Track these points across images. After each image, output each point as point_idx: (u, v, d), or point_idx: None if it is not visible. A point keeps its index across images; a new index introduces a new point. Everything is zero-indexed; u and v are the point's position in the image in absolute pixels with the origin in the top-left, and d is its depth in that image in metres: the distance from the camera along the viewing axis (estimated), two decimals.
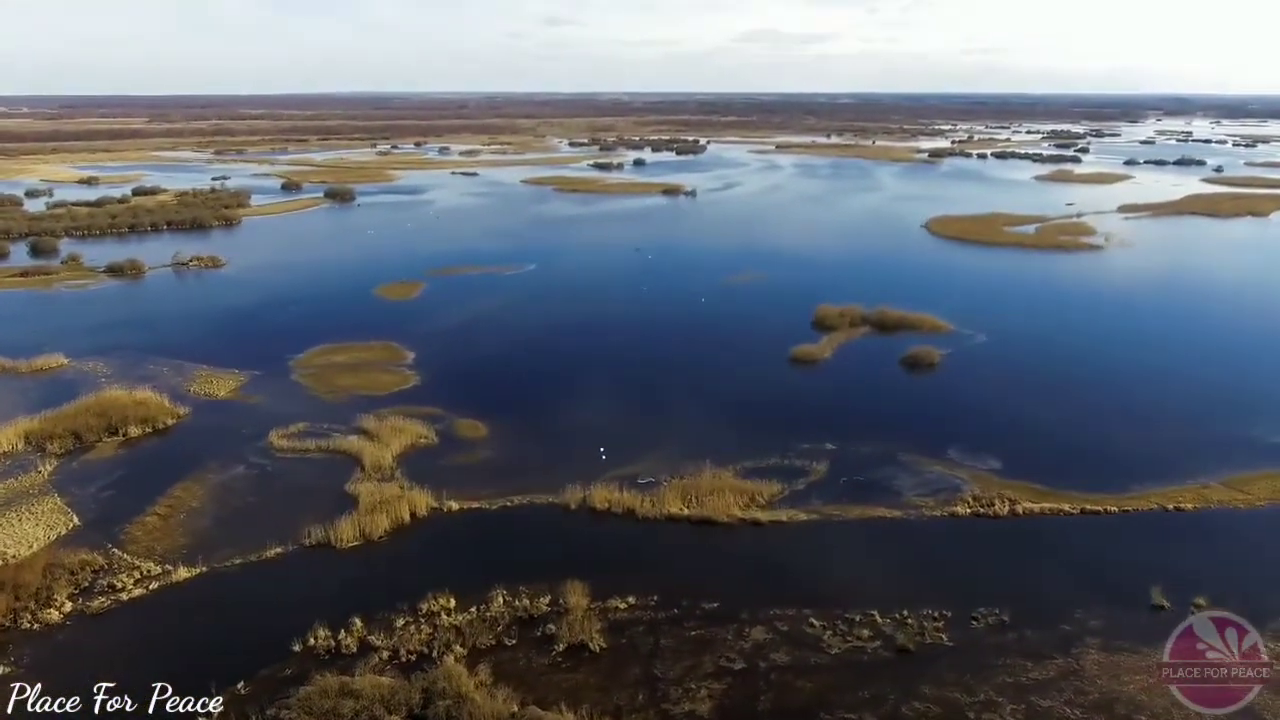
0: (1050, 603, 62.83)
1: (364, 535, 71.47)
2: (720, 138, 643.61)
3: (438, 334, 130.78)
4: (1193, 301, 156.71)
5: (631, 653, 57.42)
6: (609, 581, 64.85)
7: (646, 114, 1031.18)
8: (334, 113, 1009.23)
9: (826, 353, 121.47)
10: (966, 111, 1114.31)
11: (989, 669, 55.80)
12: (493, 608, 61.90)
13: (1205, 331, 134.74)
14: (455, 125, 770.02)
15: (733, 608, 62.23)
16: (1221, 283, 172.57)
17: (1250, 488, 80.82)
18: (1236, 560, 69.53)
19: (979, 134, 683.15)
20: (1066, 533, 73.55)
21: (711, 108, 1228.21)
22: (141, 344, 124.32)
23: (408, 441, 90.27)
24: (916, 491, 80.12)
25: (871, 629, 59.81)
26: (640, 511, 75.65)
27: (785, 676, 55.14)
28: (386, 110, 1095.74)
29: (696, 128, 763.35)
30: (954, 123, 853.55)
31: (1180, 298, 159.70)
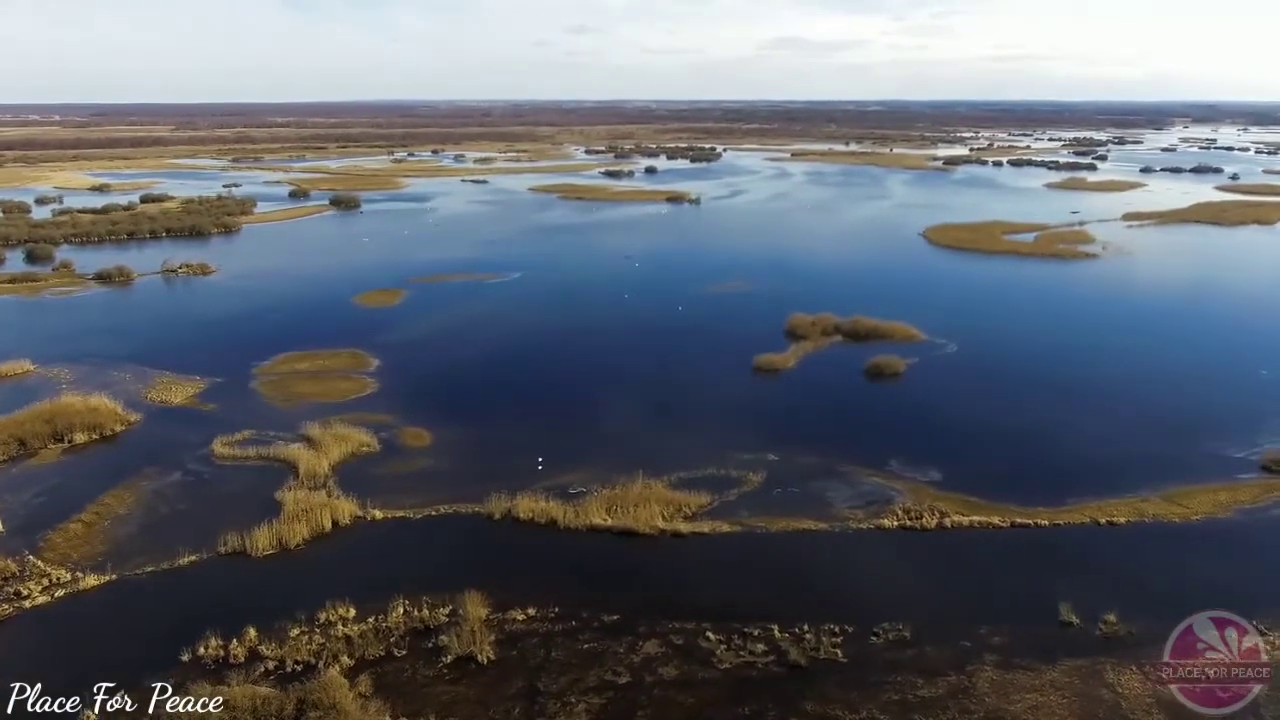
0: (957, 618, 61.86)
1: (281, 544, 71.42)
2: (738, 145, 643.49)
3: (407, 343, 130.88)
4: (1174, 313, 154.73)
5: (519, 665, 56.98)
6: (514, 592, 64.57)
7: (669, 122, 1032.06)
8: (358, 120, 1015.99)
9: (790, 362, 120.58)
10: (992, 119, 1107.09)
11: (878, 686, 54.97)
12: (391, 618, 61.56)
13: (1177, 343, 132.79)
14: (475, 133, 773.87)
15: (633, 620, 61.65)
16: (1207, 294, 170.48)
17: (1189, 501, 79.48)
18: (1156, 575, 68.23)
19: (1000, 141, 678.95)
20: (991, 546, 72.52)
21: (735, 115, 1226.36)
22: (112, 350, 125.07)
23: (349, 450, 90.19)
24: (848, 504, 79.24)
25: (767, 644, 59.09)
26: (562, 522, 75.29)
27: (668, 691, 54.48)
28: (411, 118, 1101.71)
29: (716, 135, 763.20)
30: (977, 130, 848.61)
31: (1163, 308, 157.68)
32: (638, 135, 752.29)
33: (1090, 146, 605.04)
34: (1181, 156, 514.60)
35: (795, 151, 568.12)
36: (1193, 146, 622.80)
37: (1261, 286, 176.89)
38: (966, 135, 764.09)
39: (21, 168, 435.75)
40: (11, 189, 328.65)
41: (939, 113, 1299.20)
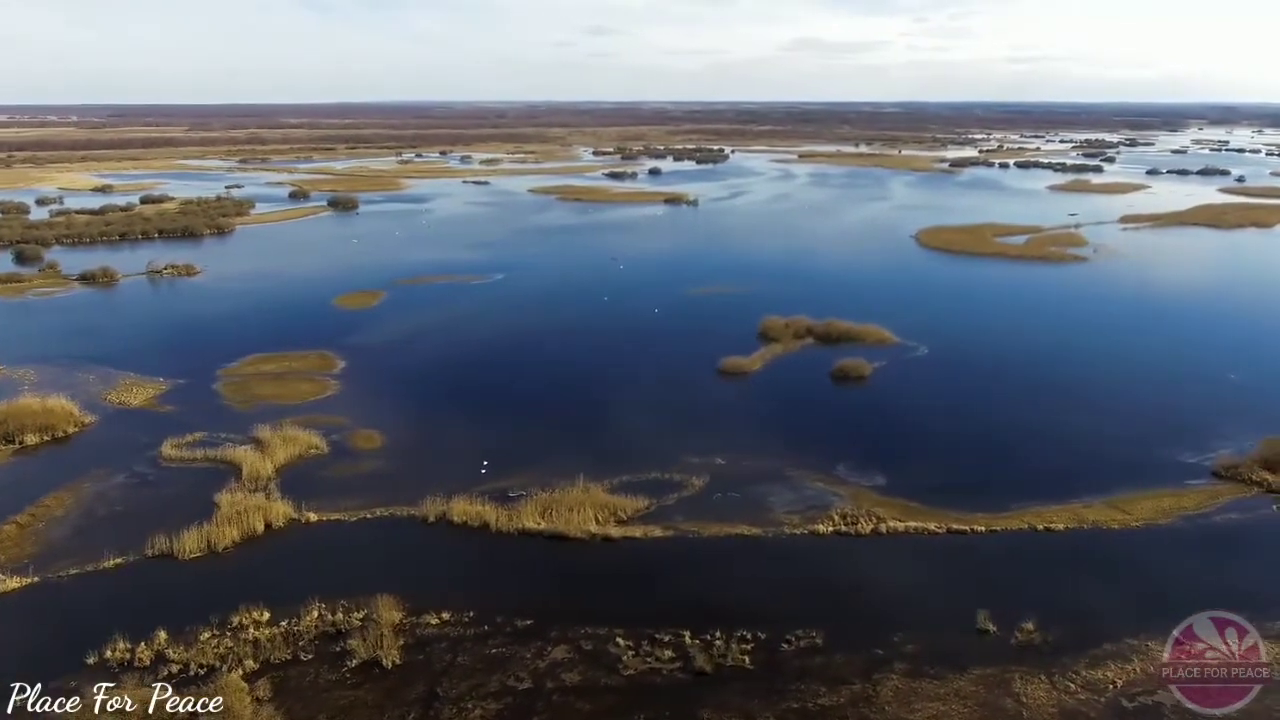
0: (874, 625, 61.40)
1: (209, 546, 71.42)
2: (748, 147, 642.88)
3: (377, 344, 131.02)
4: (1153, 316, 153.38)
5: (423, 669, 56.81)
6: (433, 596, 64.42)
7: (683, 123, 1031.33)
8: (371, 122, 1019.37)
9: (756, 365, 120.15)
10: (1008, 120, 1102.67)
11: (780, 694, 54.52)
12: (304, 621, 61.46)
13: (1151, 347, 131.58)
14: (485, 134, 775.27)
15: (547, 625, 61.42)
16: (1189, 297, 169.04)
17: (1132, 508, 78.75)
18: (1081, 584, 67.49)
19: (1011, 143, 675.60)
20: (922, 553, 71.99)
21: (750, 116, 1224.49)
22: (82, 351, 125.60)
23: (296, 452, 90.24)
24: (787, 508, 78.80)
25: (676, 650, 58.70)
26: (495, 525, 75.07)
27: (567, 697, 54.19)
28: (426, 119, 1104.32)
29: (728, 137, 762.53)
30: (989, 131, 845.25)
31: (1143, 312, 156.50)
32: (649, 136, 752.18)
33: (1100, 148, 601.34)
34: (1190, 158, 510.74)
35: (803, 153, 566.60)
36: (1204, 148, 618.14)
37: (1246, 290, 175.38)
38: (978, 137, 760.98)
39: (29, 168, 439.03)
40: (15, 190, 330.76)
41: (954, 114, 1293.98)
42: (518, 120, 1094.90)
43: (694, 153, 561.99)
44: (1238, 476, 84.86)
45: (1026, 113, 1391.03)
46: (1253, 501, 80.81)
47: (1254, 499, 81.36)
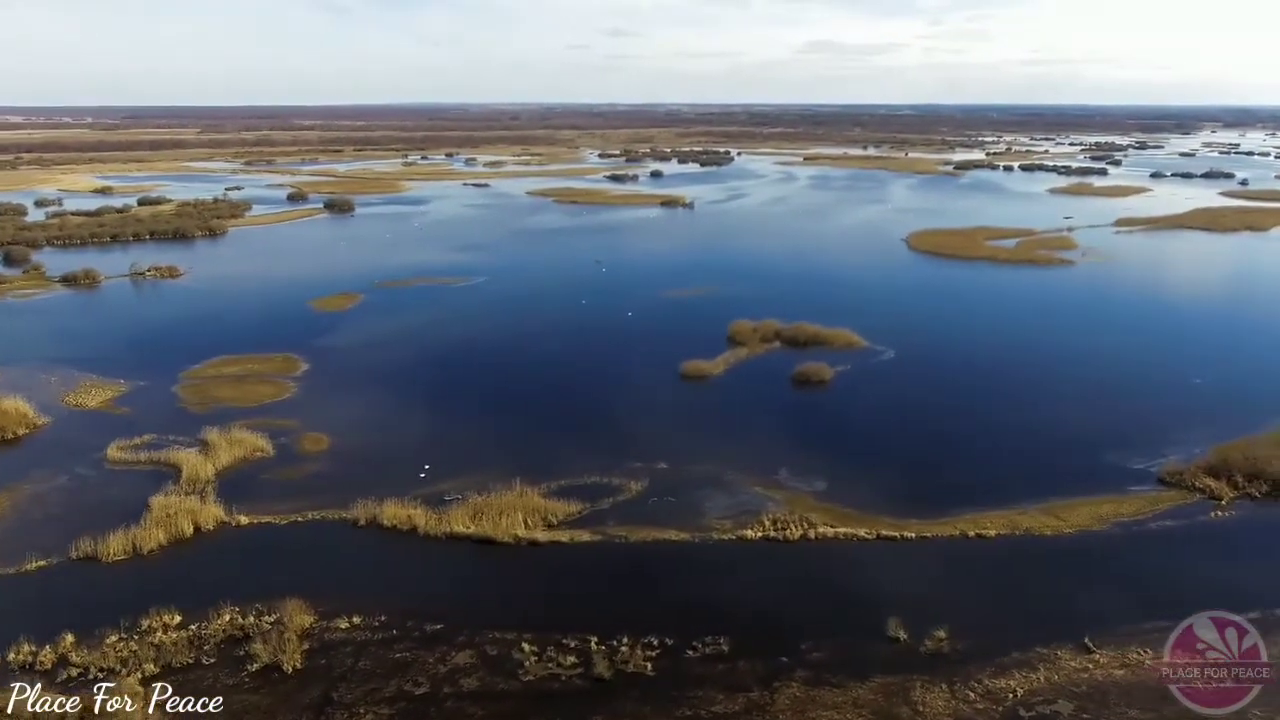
0: (783, 632, 61.10)
1: (134, 549, 71.51)
2: (755, 149, 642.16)
3: (345, 347, 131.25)
4: (1130, 319, 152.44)
5: (323, 674, 56.78)
6: (349, 599, 64.47)
7: (694, 125, 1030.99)
8: (383, 124, 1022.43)
9: (718, 369, 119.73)
10: (1020, 123, 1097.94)
11: (676, 701, 54.30)
12: (213, 625, 61.58)
13: (1123, 350, 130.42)
14: (495, 137, 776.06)
15: (455, 629, 61.37)
16: (1169, 300, 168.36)
17: (1069, 514, 78.12)
18: (1002, 591, 67.08)
19: (1020, 146, 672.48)
20: (848, 559, 71.68)
21: (762, 119, 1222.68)
22: (50, 353, 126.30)
23: (240, 454, 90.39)
24: (720, 514, 78.50)
25: (580, 656, 58.47)
26: (423, 529, 74.85)
27: (461, 703, 54.10)
28: (438, 121, 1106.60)
29: (737, 139, 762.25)
30: (1000, 134, 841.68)
31: (1120, 315, 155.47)
32: (657, 139, 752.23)
33: (1108, 151, 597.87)
34: (1197, 161, 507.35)
35: (808, 155, 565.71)
36: (1214, 151, 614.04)
37: (1227, 293, 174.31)
38: (988, 139, 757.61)
39: (35, 170, 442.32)
40: (16, 191, 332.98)
41: (968, 117, 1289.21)
42: (530, 123, 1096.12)
43: (699, 155, 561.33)
44: (1182, 483, 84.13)
45: (1040, 115, 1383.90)
46: (1192, 508, 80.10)
47: (1195, 505, 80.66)
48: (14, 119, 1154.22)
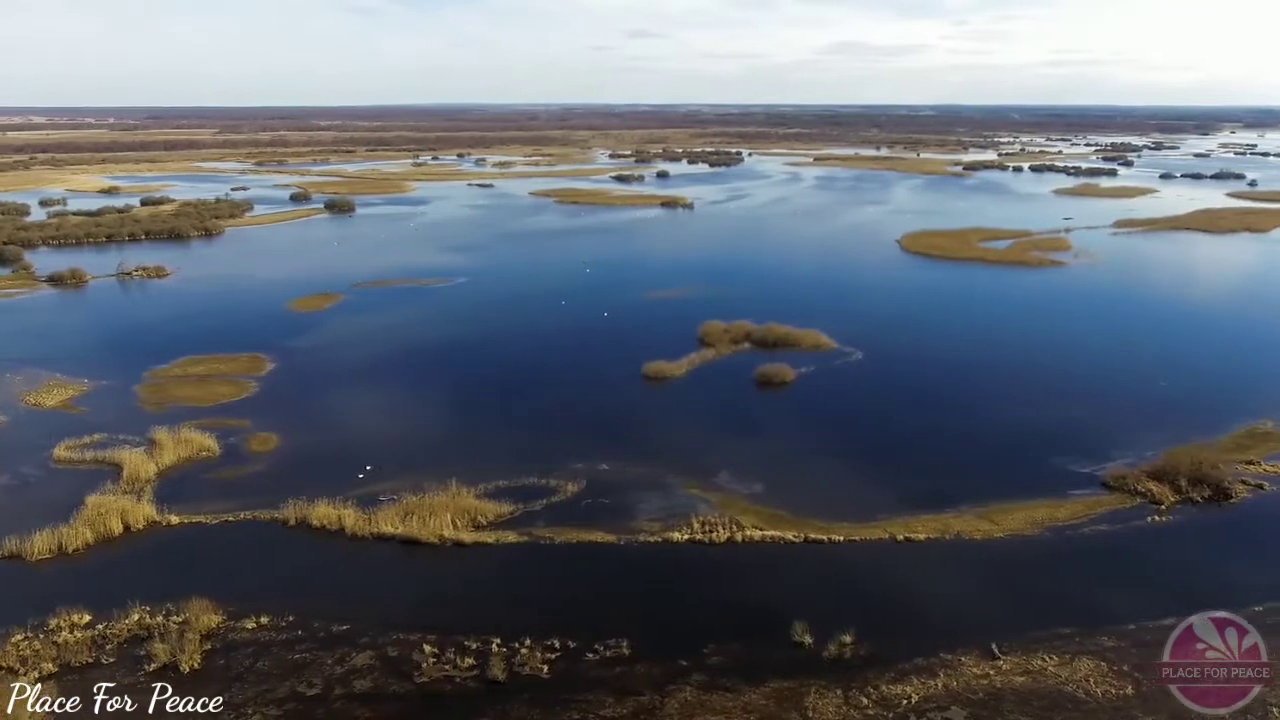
0: (687, 635, 60.82)
1: (60, 548, 71.77)
2: (767, 150, 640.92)
3: (315, 347, 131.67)
4: (1108, 320, 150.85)
5: (220, 675, 56.90)
6: (259, 599, 64.62)
7: (712, 126, 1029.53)
8: (399, 124, 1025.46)
9: (681, 370, 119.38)
10: (1040, 124, 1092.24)
11: (565, 704, 54.16)
12: (120, 624, 61.66)
13: (1094, 352, 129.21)
14: (509, 137, 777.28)
15: (360, 629, 61.42)
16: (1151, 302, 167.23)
17: (1003, 518, 77.47)
18: (916, 595, 66.61)
19: (1034, 147, 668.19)
20: (769, 562, 71.38)
21: (781, 120, 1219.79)
22: (21, 353, 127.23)
23: (186, 454, 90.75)
24: (651, 516, 78.32)
25: (478, 657, 58.35)
26: (350, 529, 74.87)
27: (350, 704, 54.14)
28: (456, 122, 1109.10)
29: (752, 140, 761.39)
30: (1016, 135, 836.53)
31: (1099, 316, 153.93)
32: (671, 140, 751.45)
33: (1122, 152, 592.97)
34: (1210, 162, 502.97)
35: (818, 156, 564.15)
36: (1229, 152, 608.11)
37: (1211, 294, 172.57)
38: (1004, 140, 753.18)
39: (48, 170, 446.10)
40: (24, 191, 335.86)
41: (989, 118, 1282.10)
42: (549, 123, 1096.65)
43: (710, 156, 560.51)
44: (1124, 487, 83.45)
45: (1061, 116, 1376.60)
46: (1131, 512, 79.38)
47: (1134, 509, 79.96)
48: (38, 119, 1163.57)
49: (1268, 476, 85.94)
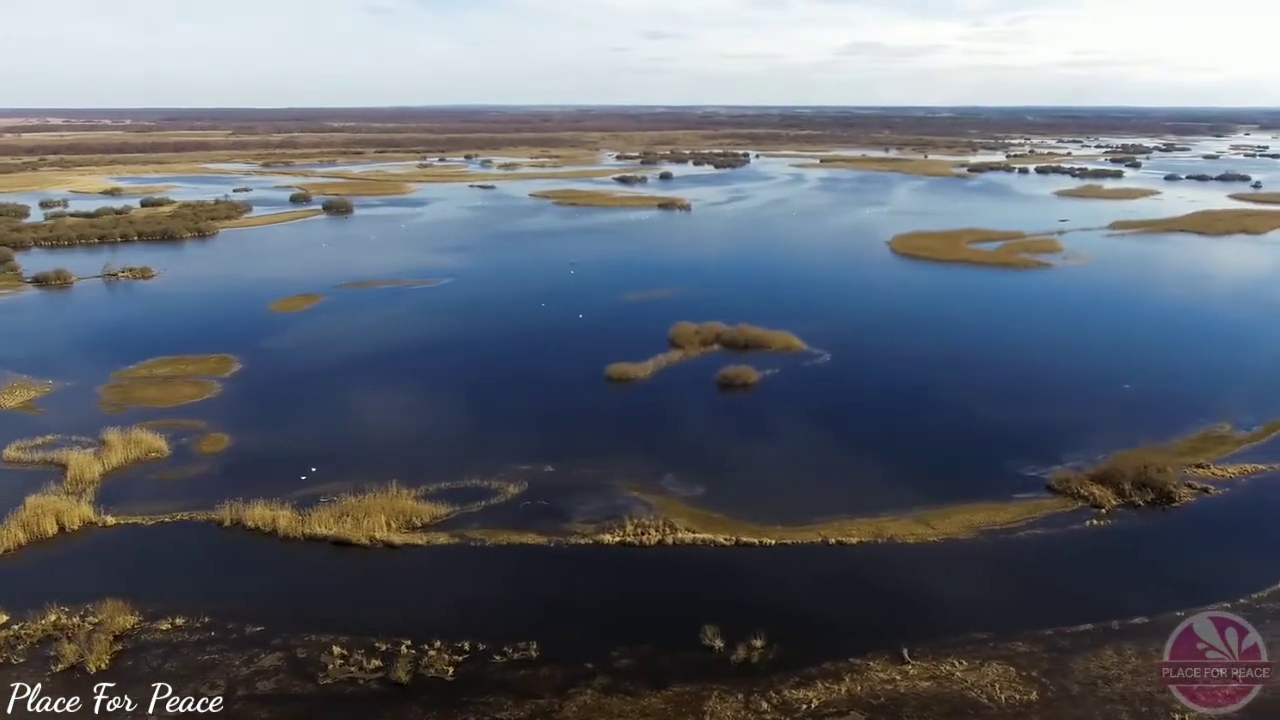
0: (597, 638, 60.74)
1: None
2: (775, 151, 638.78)
3: (286, 348, 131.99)
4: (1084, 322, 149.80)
5: (127, 676, 57.05)
6: (179, 600, 64.85)
7: (724, 127, 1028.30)
8: (411, 125, 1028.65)
9: (646, 372, 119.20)
10: (1053, 125, 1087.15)
11: (464, 707, 54.21)
12: (35, 625, 61.83)
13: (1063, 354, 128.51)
14: (519, 138, 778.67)
15: (274, 631, 61.55)
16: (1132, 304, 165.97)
17: (939, 522, 77.10)
18: (835, 598, 66.23)
19: (1044, 148, 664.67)
20: (694, 565, 71.29)
21: (793, 121, 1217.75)
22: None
23: (135, 454, 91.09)
24: (586, 518, 78.25)
25: (385, 659, 58.35)
26: (283, 531, 75.00)
27: (249, 706, 54.31)
28: (470, 123, 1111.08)
29: (762, 141, 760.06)
30: (1028, 136, 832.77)
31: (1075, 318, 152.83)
32: (681, 141, 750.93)
33: (1131, 154, 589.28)
34: (1218, 164, 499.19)
35: (824, 158, 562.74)
36: (1239, 154, 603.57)
37: (1197, 296, 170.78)
38: (1015, 141, 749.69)
39: (55, 171, 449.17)
40: (28, 192, 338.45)
41: (1004, 119, 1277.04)
42: (560, 125, 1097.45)
43: (716, 157, 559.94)
44: (1067, 490, 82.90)
45: (1078, 117, 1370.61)
46: (1069, 516, 78.90)
47: (1073, 513, 79.44)
48: (55, 121, 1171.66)
49: (1214, 480, 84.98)
